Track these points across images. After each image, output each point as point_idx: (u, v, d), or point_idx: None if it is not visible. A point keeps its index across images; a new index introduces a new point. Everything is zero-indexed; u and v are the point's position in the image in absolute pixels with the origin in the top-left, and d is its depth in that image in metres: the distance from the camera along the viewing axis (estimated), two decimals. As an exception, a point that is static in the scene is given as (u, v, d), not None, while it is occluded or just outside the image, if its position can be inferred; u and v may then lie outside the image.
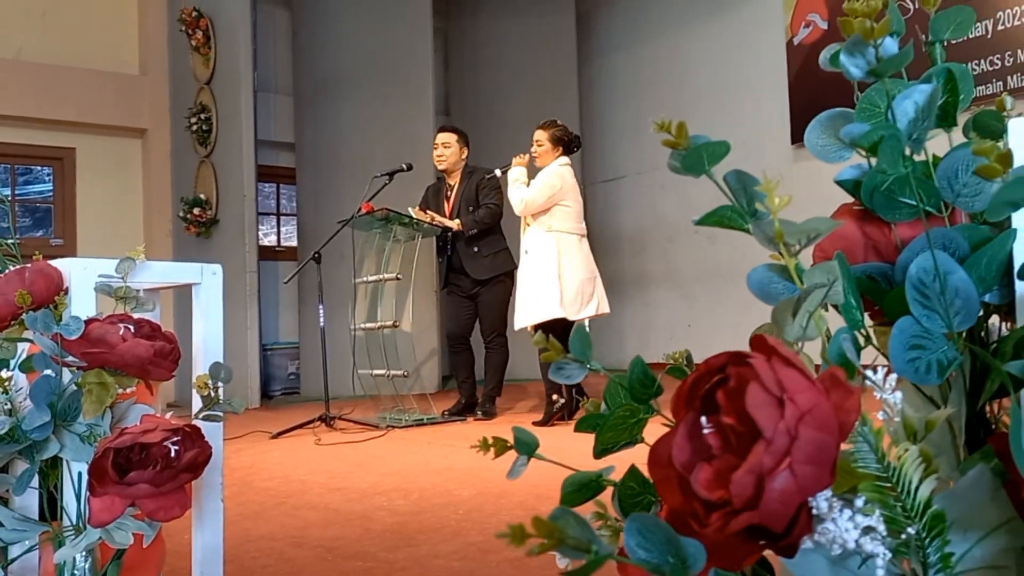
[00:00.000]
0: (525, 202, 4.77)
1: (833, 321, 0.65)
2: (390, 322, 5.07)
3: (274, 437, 4.56)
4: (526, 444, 0.75)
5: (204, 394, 1.24)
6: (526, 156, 4.94)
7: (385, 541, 2.26)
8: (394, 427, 4.73)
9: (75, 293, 1.28)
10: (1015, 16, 5.33)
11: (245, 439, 4.54)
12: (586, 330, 0.78)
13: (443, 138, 5.23)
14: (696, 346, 1.25)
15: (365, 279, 5.29)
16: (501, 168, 5.03)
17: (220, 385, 1.26)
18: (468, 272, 5.09)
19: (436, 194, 5.31)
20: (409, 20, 6.90)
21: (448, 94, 8.31)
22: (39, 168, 7.04)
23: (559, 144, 4.87)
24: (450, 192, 5.23)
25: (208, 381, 1.24)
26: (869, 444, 0.56)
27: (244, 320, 6.08)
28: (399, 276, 4.99)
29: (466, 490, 2.91)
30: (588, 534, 0.52)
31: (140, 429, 1.09)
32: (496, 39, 7.97)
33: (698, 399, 0.55)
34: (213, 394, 1.24)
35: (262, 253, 6.68)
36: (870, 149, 0.69)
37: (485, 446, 0.73)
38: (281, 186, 7.91)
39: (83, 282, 1.29)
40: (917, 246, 0.66)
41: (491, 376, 5.13)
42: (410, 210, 5.07)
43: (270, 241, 7.85)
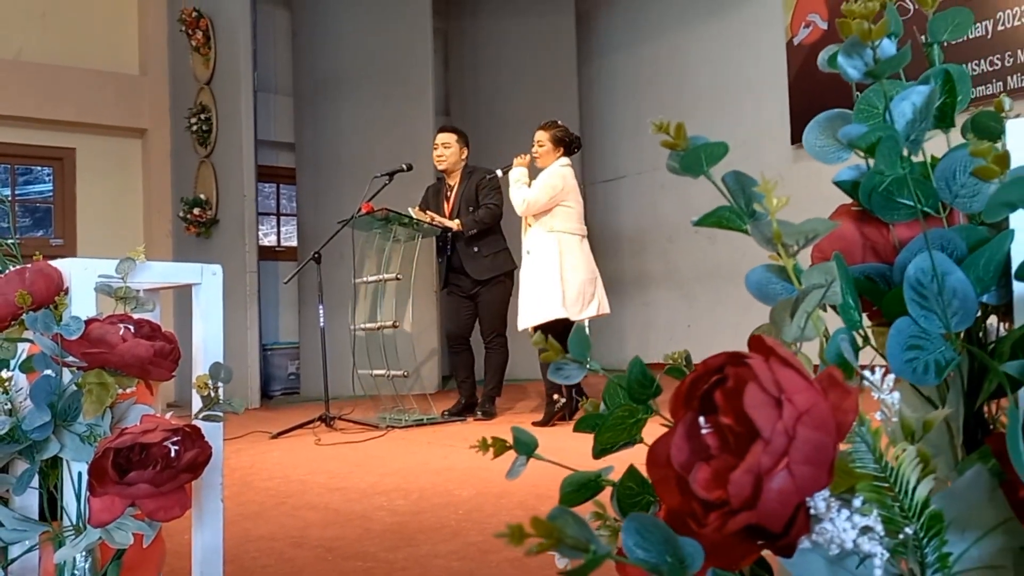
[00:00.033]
0: (527, 202, 4.77)
1: (831, 321, 0.65)
2: (390, 322, 5.07)
3: (274, 437, 4.56)
4: (525, 444, 0.75)
5: (204, 394, 1.24)
6: (527, 157, 4.94)
7: (385, 541, 2.27)
8: (394, 427, 4.73)
9: (75, 293, 1.28)
10: (1015, 16, 5.33)
11: (245, 439, 4.54)
12: (585, 330, 0.78)
13: (443, 138, 5.23)
14: (696, 346, 1.25)
15: (365, 279, 5.29)
16: (502, 168, 5.03)
17: (220, 385, 1.26)
18: (468, 272, 5.09)
19: (436, 194, 5.31)
20: (409, 20, 6.90)
21: (448, 94, 8.31)
22: (39, 168, 7.04)
23: (560, 145, 4.87)
24: (450, 192, 5.23)
25: (208, 381, 1.24)
26: (867, 444, 0.56)
27: (244, 320, 6.09)
28: (399, 276, 4.99)
29: (466, 490, 2.91)
30: (586, 534, 0.52)
31: (140, 429, 1.09)
32: (496, 39, 7.97)
33: (696, 399, 0.56)
34: (213, 394, 1.25)
35: (262, 253, 6.68)
36: (868, 150, 0.69)
37: (484, 446, 0.73)
38: (281, 186, 7.91)
39: (83, 282, 1.29)
40: (915, 247, 0.66)
41: (491, 376, 5.13)
42: (410, 210, 5.07)
43: (270, 241, 7.85)
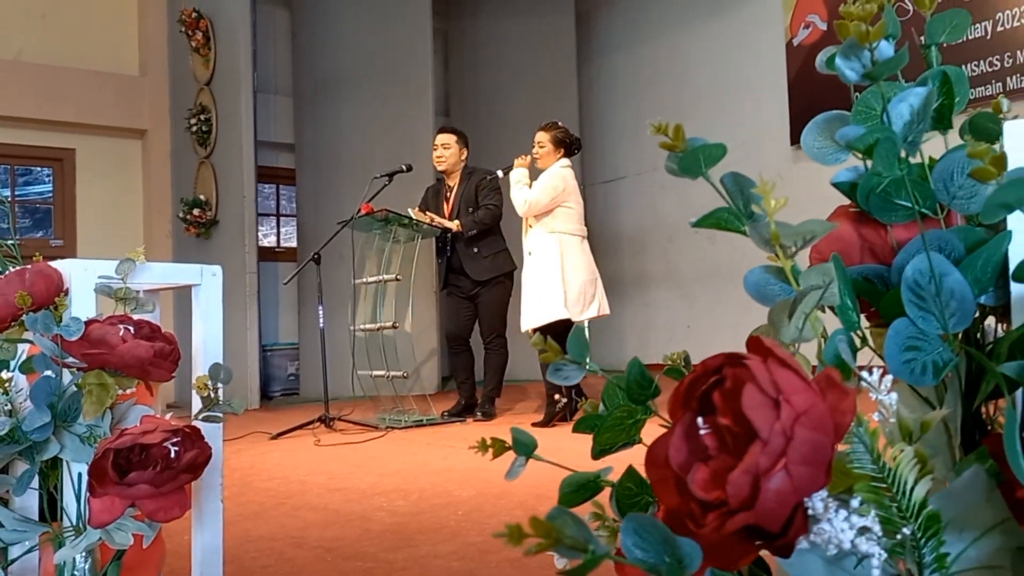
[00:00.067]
0: (528, 203, 4.77)
1: (829, 322, 0.65)
2: (390, 323, 5.07)
3: (274, 438, 4.56)
4: (524, 445, 0.75)
5: (204, 395, 1.24)
6: (528, 157, 4.95)
7: (385, 541, 2.27)
8: (393, 428, 4.73)
9: (75, 294, 1.28)
10: (1014, 17, 5.33)
11: (245, 440, 4.54)
12: (583, 331, 0.79)
13: (443, 139, 5.23)
14: (696, 346, 1.25)
15: (365, 280, 5.29)
16: (503, 169, 5.03)
17: (220, 386, 1.26)
18: (468, 273, 5.08)
19: (435, 195, 5.31)
20: (409, 20, 6.90)
21: (448, 94, 8.31)
22: (39, 169, 7.04)
23: (560, 146, 4.87)
24: (449, 193, 5.23)
25: (208, 382, 1.24)
26: (865, 445, 0.56)
27: (244, 321, 6.09)
28: (399, 277, 4.99)
29: (465, 491, 2.91)
30: (585, 534, 0.53)
31: (140, 430, 1.10)
32: (496, 39, 7.97)
33: (695, 400, 0.56)
34: (213, 395, 1.25)
35: (262, 254, 6.68)
36: (866, 151, 0.70)
37: (484, 447, 0.73)
38: (281, 187, 7.91)
39: (83, 283, 1.29)
40: (913, 248, 0.66)
41: (490, 377, 5.13)
42: (409, 211, 5.06)
43: (270, 242, 7.85)
